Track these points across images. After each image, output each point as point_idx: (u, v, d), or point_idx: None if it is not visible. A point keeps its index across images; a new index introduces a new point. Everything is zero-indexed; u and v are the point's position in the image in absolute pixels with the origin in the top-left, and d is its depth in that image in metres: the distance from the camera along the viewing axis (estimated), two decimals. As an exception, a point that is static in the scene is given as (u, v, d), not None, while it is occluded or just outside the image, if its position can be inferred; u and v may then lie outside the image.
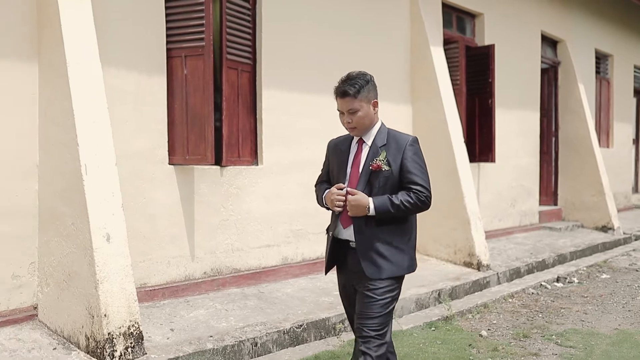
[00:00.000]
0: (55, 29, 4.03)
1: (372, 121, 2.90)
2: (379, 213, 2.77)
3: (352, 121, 2.86)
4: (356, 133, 2.93)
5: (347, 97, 2.82)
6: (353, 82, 2.83)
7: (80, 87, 3.95)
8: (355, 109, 2.83)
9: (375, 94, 2.92)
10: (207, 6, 4.81)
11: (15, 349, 3.80)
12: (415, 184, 2.79)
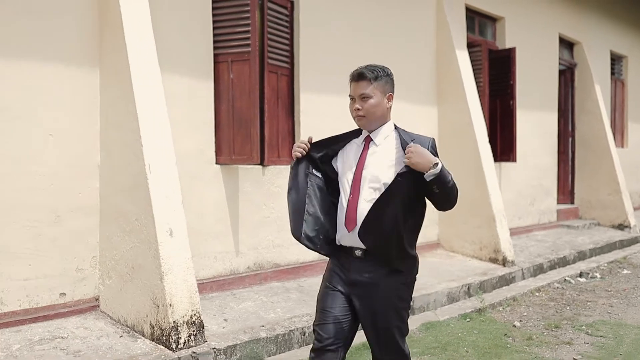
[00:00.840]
0: (118, 36, 4.29)
1: (384, 115, 2.64)
2: (443, 173, 2.48)
3: (362, 108, 2.59)
4: (364, 123, 2.64)
5: (362, 81, 2.58)
6: (372, 69, 2.61)
7: (142, 91, 4.22)
8: (368, 95, 2.57)
9: (392, 89, 2.67)
10: (252, 13, 5.07)
11: (85, 336, 4.07)
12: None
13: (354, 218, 2.57)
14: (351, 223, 2.58)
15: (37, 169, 4.23)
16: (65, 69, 4.36)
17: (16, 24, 4.11)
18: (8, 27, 4.07)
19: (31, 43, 4.18)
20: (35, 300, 4.25)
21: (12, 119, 4.12)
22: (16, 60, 4.12)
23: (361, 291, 2.61)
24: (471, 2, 7.96)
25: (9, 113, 4.10)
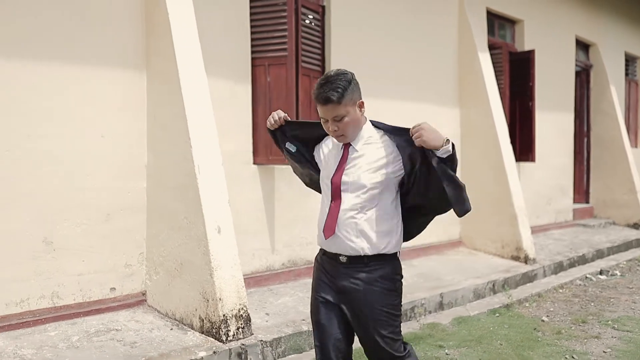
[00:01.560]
0: (166, 41, 4.48)
1: (360, 124, 2.54)
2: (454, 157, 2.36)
3: (339, 129, 2.49)
4: (344, 140, 2.55)
5: (330, 104, 2.43)
6: (334, 86, 2.42)
7: (190, 93, 4.40)
8: (341, 115, 2.45)
9: (359, 93, 2.53)
10: (289, 19, 5.26)
11: (137, 329, 4.26)
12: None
13: (333, 226, 2.51)
14: (329, 230, 2.52)
15: (89, 170, 4.43)
16: (114, 72, 4.55)
17: (71, 32, 4.30)
18: (63, 35, 4.26)
19: (83, 48, 4.38)
20: (87, 295, 4.45)
21: (66, 121, 4.31)
22: (70, 65, 4.31)
23: (350, 298, 2.53)
24: (492, 5, 8.12)
25: (63, 115, 4.29)
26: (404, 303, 5.25)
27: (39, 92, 4.17)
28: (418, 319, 5.11)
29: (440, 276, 6.30)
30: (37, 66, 4.16)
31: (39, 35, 4.16)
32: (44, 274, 4.23)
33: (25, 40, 4.10)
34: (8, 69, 4.03)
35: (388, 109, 6.62)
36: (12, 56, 4.04)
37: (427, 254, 7.17)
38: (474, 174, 7.60)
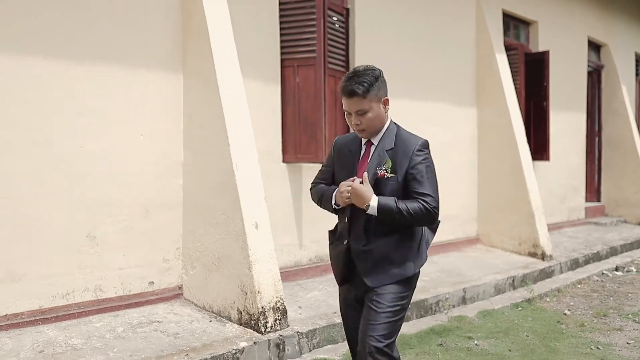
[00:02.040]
0: (203, 43, 4.64)
1: (383, 122, 2.61)
2: (381, 211, 2.49)
3: (362, 123, 2.56)
4: (365, 135, 2.63)
5: (355, 97, 2.50)
6: (361, 80, 2.50)
7: (227, 94, 4.56)
8: (364, 110, 2.52)
9: (386, 91, 2.60)
10: (318, 21, 5.41)
11: (177, 320, 4.42)
12: (422, 195, 2.51)
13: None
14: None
15: (129, 168, 4.59)
16: (153, 74, 4.71)
17: (113, 35, 4.46)
18: (106, 38, 4.42)
19: (124, 51, 4.54)
20: (128, 288, 4.60)
21: (110, 121, 4.47)
22: (112, 66, 4.47)
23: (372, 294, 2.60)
24: (507, 7, 8.28)
25: (105, 115, 4.45)
26: (429, 297, 5.41)
27: (86, 92, 4.33)
28: (445, 311, 5.26)
29: (461, 272, 6.45)
30: (84, 67, 4.31)
31: (85, 38, 4.32)
32: (87, 268, 4.39)
33: (73, 42, 4.25)
34: (59, 70, 4.19)
35: (408, 108, 6.77)
36: (63, 58, 4.20)
37: (446, 251, 7.32)
38: (491, 173, 7.75)
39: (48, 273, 4.19)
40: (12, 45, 3.98)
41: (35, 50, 4.08)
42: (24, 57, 4.04)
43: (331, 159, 2.82)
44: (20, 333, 3.98)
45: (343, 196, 2.57)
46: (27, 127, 4.06)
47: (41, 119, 4.12)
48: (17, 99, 4.02)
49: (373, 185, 2.55)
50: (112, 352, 3.78)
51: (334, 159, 2.79)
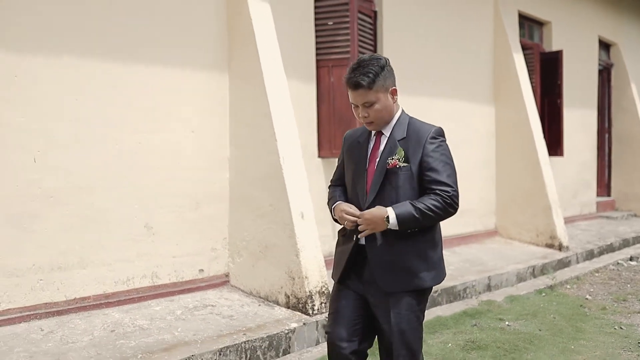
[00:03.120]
0: (250, 45, 4.95)
1: (392, 113, 2.48)
2: (402, 223, 2.34)
3: (369, 115, 2.43)
4: (374, 128, 2.50)
5: (360, 89, 2.38)
6: (366, 71, 2.38)
7: (273, 92, 4.88)
8: (371, 102, 2.40)
9: (393, 80, 2.48)
10: (351, 24, 5.73)
11: (229, 305, 4.74)
12: (438, 183, 2.37)
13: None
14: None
15: (180, 162, 4.90)
16: (200, 73, 5.03)
17: (166, 37, 4.78)
18: (160, 41, 4.74)
19: (174, 52, 4.85)
20: (181, 275, 4.92)
21: (161, 117, 4.79)
22: (163, 67, 4.79)
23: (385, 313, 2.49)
24: (523, 8, 8.59)
25: (158, 113, 4.77)
26: (457, 284, 5.73)
27: (144, 92, 4.65)
28: (475, 296, 5.58)
29: (484, 262, 6.77)
30: (143, 69, 4.64)
31: (144, 42, 4.64)
32: (145, 256, 4.71)
33: (134, 46, 4.58)
34: (122, 72, 4.51)
35: (431, 106, 7.09)
36: (124, 61, 4.52)
37: (466, 242, 7.63)
38: (508, 168, 8.06)
39: (111, 260, 4.51)
40: (82, 49, 4.31)
41: (102, 52, 4.40)
42: (93, 59, 4.36)
43: (342, 154, 2.72)
44: (89, 315, 4.30)
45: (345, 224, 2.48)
46: (94, 124, 4.38)
47: (106, 116, 4.44)
48: (87, 98, 4.34)
49: (384, 177, 2.42)
50: (176, 331, 4.10)
51: (344, 153, 2.68)
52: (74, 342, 3.83)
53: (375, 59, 2.43)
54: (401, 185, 2.41)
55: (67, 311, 4.27)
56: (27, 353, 3.61)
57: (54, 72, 4.20)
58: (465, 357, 4.04)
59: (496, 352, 4.13)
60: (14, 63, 4.03)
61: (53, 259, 4.23)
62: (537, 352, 4.13)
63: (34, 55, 4.11)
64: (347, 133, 2.72)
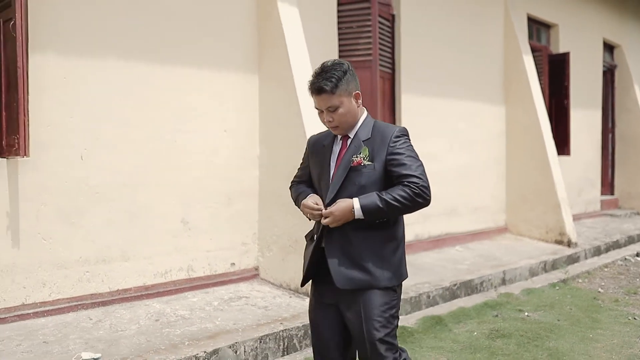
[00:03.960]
0: (281, 49, 5.17)
1: (356, 116, 2.50)
2: (367, 213, 2.35)
3: (334, 119, 2.45)
4: (339, 132, 2.52)
5: (323, 94, 2.41)
6: (328, 76, 2.40)
7: (303, 92, 5.09)
8: (335, 106, 2.42)
9: (356, 85, 2.50)
10: (373, 27, 5.96)
11: (262, 296, 4.96)
12: (407, 176, 2.36)
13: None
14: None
15: (214, 160, 5.12)
16: (232, 74, 5.24)
17: (200, 40, 5.00)
18: (192, 43, 4.96)
19: (208, 54, 5.07)
20: (214, 268, 5.14)
21: (196, 117, 5.01)
22: (198, 69, 5.00)
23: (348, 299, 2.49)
24: (531, 11, 8.84)
25: (194, 113, 4.99)
26: (474, 278, 5.96)
27: (181, 93, 4.87)
28: (494, 289, 5.81)
29: (497, 257, 7.01)
30: (179, 71, 4.86)
31: (180, 46, 4.86)
32: (182, 250, 4.93)
33: (171, 50, 4.79)
34: (159, 74, 4.73)
35: (444, 107, 7.33)
36: (163, 63, 4.74)
37: (479, 238, 7.87)
38: (518, 167, 8.31)
39: (150, 253, 4.73)
40: (124, 52, 4.52)
41: (142, 56, 4.62)
42: (135, 62, 4.57)
43: (306, 156, 2.74)
44: (132, 306, 4.52)
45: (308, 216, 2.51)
46: (136, 124, 4.60)
47: (146, 116, 4.66)
48: (129, 99, 4.56)
49: (346, 175, 2.44)
50: (217, 321, 4.31)
51: (308, 156, 2.71)
52: (123, 330, 4.04)
53: (338, 64, 2.46)
54: (364, 184, 2.42)
55: (111, 302, 4.49)
56: (81, 340, 3.82)
57: (99, 74, 4.41)
58: (490, 345, 4.27)
59: (519, 339, 4.36)
60: (63, 66, 4.25)
61: (98, 252, 4.45)
62: (558, 340, 4.37)
63: (81, 58, 4.33)
64: (310, 137, 2.74)
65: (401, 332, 4.42)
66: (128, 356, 3.60)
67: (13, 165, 4.05)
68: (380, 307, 2.40)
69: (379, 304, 2.40)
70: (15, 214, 4.06)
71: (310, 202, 2.48)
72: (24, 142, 3.85)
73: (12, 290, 4.06)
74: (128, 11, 4.56)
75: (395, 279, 2.44)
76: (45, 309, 4.18)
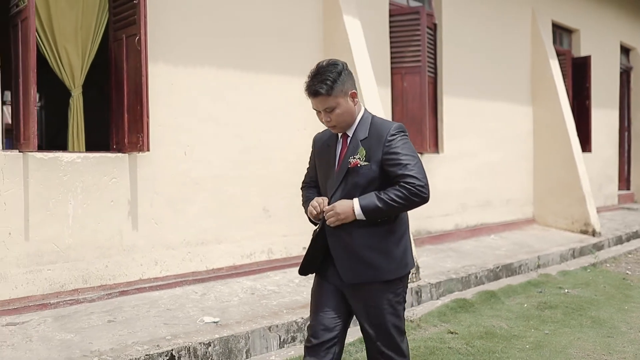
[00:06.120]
0: (346, 53, 5.83)
1: (353, 115, 2.52)
2: (367, 213, 2.39)
3: (331, 119, 2.50)
4: (337, 131, 2.57)
5: (319, 97, 2.45)
6: (323, 78, 2.43)
7: (367, 95, 5.75)
8: (331, 107, 2.46)
9: (352, 84, 2.52)
10: (422, 36, 6.63)
11: (333, 275, 5.62)
12: (403, 176, 2.38)
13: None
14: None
15: (289, 156, 5.79)
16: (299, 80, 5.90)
17: (274, 51, 5.67)
18: (269, 54, 5.63)
19: (285, 63, 5.74)
20: (289, 251, 5.81)
21: (277, 118, 5.68)
22: (282, 75, 5.68)
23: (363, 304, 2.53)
24: (555, 17, 9.50)
25: (275, 114, 5.66)
26: (514, 262, 6.62)
27: (263, 96, 5.54)
28: (533, 271, 6.48)
29: (530, 245, 7.67)
30: (261, 77, 5.54)
31: (261, 55, 5.54)
32: (263, 234, 5.60)
33: (254, 58, 5.48)
34: (246, 81, 5.41)
35: (478, 108, 8.01)
36: (248, 71, 5.43)
37: (510, 229, 8.53)
38: (545, 162, 8.96)
39: (238, 237, 5.41)
40: (218, 62, 5.21)
41: (233, 64, 5.31)
42: (227, 70, 5.26)
43: (313, 155, 2.80)
44: (226, 282, 5.20)
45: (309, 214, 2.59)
46: (227, 124, 5.29)
47: (236, 117, 5.34)
48: (222, 102, 5.24)
49: (344, 175, 2.50)
50: (303, 294, 4.98)
51: (315, 155, 2.77)
52: (227, 301, 4.72)
53: (332, 64, 2.48)
54: (362, 184, 2.45)
55: (208, 279, 5.16)
56: (197, 308, 4.50)
57: (198, 81, 5.10)
58: (540, 314, 4.93)
59: (565, 310, 5.02)
60: (170, 73, 4.93)
61: (197, 235, 5.13)
62: (599, 311, 5.03)
63: (184, 67, 5.01)
64: (315, 136, 2.79)
65: (463, 303, 5.10)
66: (240, 320, 4.27)
67: (133, 160, 4.73)
68: (387, 296, 2.47)
69: (386, 294, 2.47)
70: (134, 201, 4.75)
71: (314, 201, 2.56)
72: (146, 139, 4.54)
73: (132, 267, 4.75)
74: (220, 28, 5.24)
75: (400, 270, 2.49)
76: (157, 283, 4.86)
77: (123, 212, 4.70)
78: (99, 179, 4.56)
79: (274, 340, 4.20)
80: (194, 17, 5.08)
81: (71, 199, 4.42)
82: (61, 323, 4.05)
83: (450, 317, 4.82)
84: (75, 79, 4.82)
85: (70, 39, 4.75)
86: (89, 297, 4.48)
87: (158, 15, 4.82)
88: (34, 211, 4.25)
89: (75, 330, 3.93)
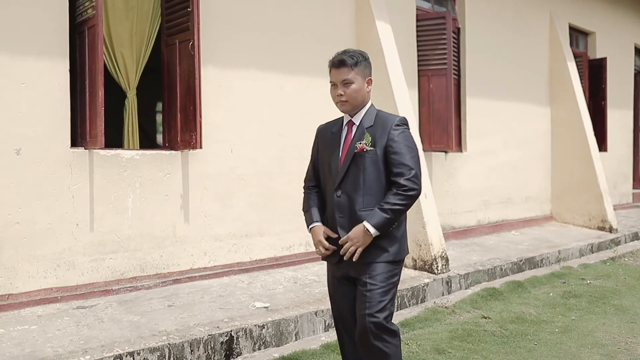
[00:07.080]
0: (379, 60, 6.15)
1: (364, 99, 2.75)
2: (381, 228, 2.61)
3: (345, 93, 2.70)
4: (346, 108, 2.75)
5: (343, 67, 2.69)
6: (351, 54, 2.71)
7: (398, 96, 6.06)
8: (349, 81, 2.68)
9: (370, 72, 2.78)
10: (448, 40, 6.94)
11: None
12: (401, 166, 2.62)
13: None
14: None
15: (323, 154, 6.11)
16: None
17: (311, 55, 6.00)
18: (308, 58, 5.96)
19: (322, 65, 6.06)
20: (310, 247, 6.11)
21: (315, 118, 5.99)
22: (315, 77, 6.00)
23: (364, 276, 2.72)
24: (572, 21, 9.80)
25: (313, 115, 5.97)
26: (536, 256, 6.92)
27: (304, 97, 5.88)
28: (559, 262, 6.78)
29: (550, 240, 7.96)
30: (301, 79, 5.88)
31: (301, 59, 5.87)
32: (301, 228, 5.89)
33: (295, 61, 5.81)
34: (288, 82, 5.75)
35: (498, 108, 8.32)
36: (290, 73, 5.76)
37: (529, 225, 8.83)
38: (562, 161, 9.25)
39: (279, 231, 5.74)
40: (261, 65, 5.55)
41: (276, 68, 5.64)
42: (269, 73, 5.60)
43: (316, 145, 2.98)
44: (268, 273, 5.53)
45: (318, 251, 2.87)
46: (270, 123, 5.62)
47: (278, 118, 5.68)
48: (265, 103, 5.58)
49: (351, 160, 2.70)
50: (341, 283, 5.30)
51: (318, 145, 2.96)
52: (273, 289, 5.05)
53: (360, 51, 2.77)
54: (367, 167, 2.67)
55: (251, 269, 5.50)
56: (246, 295, 4.83)
57: (243, 84, 5.44)
58: (566, 302, 5.23)
59: (589, 298, 5.32)
60: (218, 76, 5.27)
61: (242, 228, 5.46)
62: (621, 299, 5.32)
63: (230, 70, 5.35)
64: (319, 126, 2.99)
65: (492, 291, 5.42)
66: (288, 306, 4.60)
67: (185, 157, 5.07)
68: (384, 274, 2.67)
69: (383, 272, 2.67)
70: (186, 196, 5.09)
71: (322, 238, 2.82)
72: (199, 137, 4.88)
73: (184, 257, 5.09)
74: (264, 33, 5.58)
75: (398, 253, 2.73)
76: (206, 273, 5.19)
77: (176, 205, 5.04)
78: (154, 174, 4.90)
79: (319, 324, 4.52)
80: (239, 22, 5.42)
81: (130, 192, 4.77)
82: (126, 307, 4.39)
83: (482, 304, 5.13)
84: (130, 81, 5.16)
85: (126, 44, 5.10)
86: (146, 285, 4.83)
87: (208, 21, 5.16)
88: (98, 204, 4.60)
89: (140, 313, 4.27)
